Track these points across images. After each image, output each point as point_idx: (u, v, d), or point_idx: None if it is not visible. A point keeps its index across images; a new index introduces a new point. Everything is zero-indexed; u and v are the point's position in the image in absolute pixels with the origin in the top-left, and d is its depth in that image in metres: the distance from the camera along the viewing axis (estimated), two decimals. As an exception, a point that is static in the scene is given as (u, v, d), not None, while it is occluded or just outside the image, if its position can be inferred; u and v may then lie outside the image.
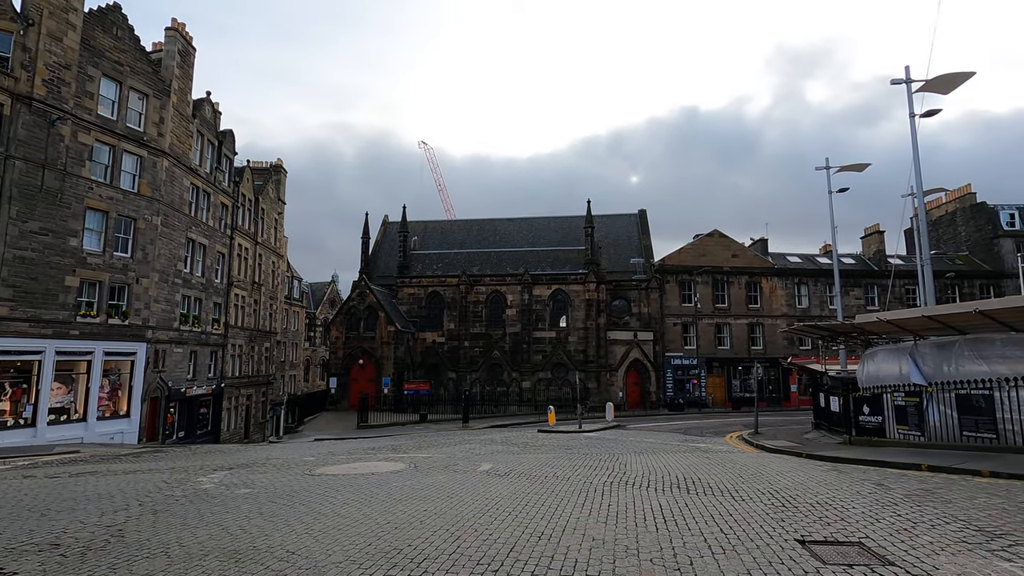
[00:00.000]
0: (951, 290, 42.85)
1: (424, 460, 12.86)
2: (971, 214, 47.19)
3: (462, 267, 44.69)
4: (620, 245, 46.42)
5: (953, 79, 14.20)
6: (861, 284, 43.77)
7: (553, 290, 42.92)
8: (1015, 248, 43.45)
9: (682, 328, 42.86)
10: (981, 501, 7.35)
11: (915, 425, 13.61)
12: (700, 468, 10.84)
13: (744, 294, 43.33)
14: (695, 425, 27.72)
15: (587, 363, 41.22)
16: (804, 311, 42.96)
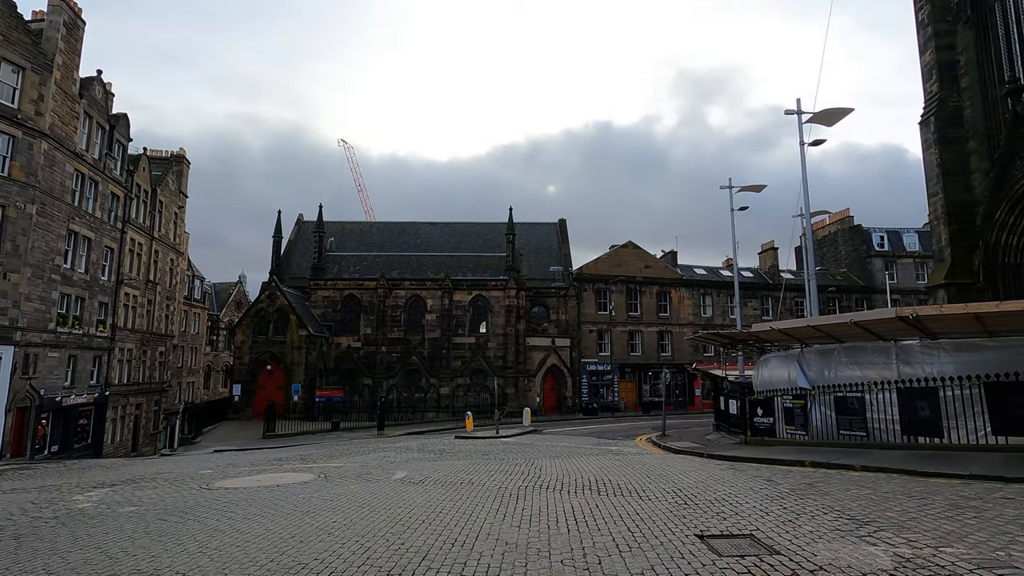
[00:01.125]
0: (832, 303, 47.50)
1: (335, 470, 12.37)
2: (849, 235, 52.67)
3: (381, 270, 43.63)
4: (540, 253, 47.32)
5: (835, 114, 15.86)
6: (758, 296, 47.47)
7: (474, 296, 42.94)
8: (884, 267, 49.01)
9: (597, 335, 44.35)
10: (853, 492, 8.17)
11: (801, 425, 14.91)
12: (611, 470, 11.23)
13: (655, 303, 45.61)
14: (608, 429, 28.72)
15: (506, 369, 41.54)
16: (708, 320, 45.91)
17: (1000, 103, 21.77)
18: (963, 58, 23.66)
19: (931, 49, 24.66)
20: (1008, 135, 20.77)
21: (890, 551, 5.13)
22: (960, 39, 23.87)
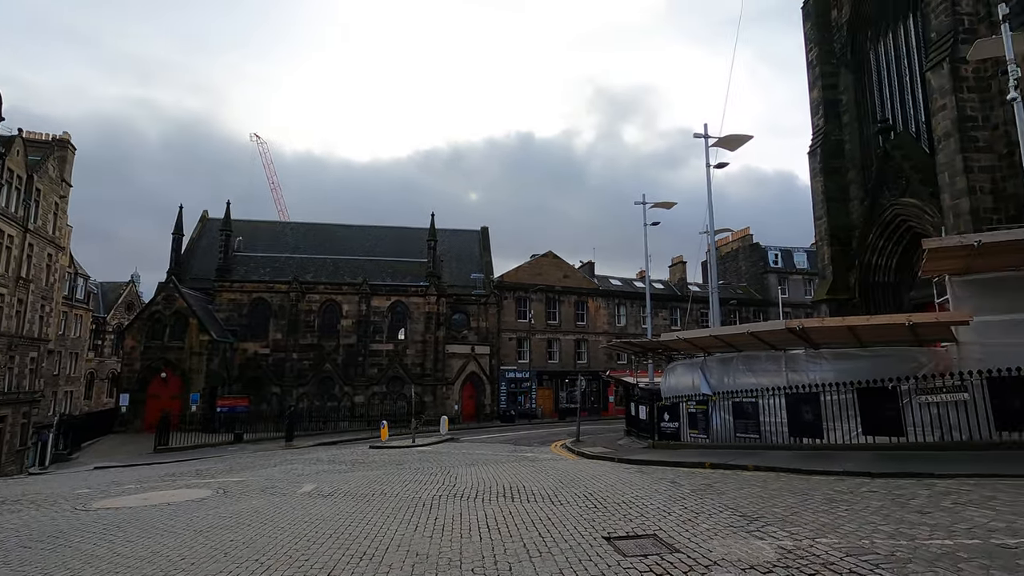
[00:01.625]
0: (734, 314, 51.11)
1: (236, 484, 11.59)
2: (749, 252, 57.01)
3: (294, 272, 41.63)
4: (462, 260, 47.23)
5: (737, 140, 17.19)
6: (668, 306, 50.14)
7: (393, 301, 42.04)
8: (778, 282, 53.49)
9: (517, 343, 44.85)
10: (746, 491, 8.80)
11: (703, 429, 15.87)
12: (526, 477, 11.36)
13: (573, 312, 46.88)
14: (525, 436, 29.05)
15: (424, 376, 40.95)
16: (622, 329, 47.83)
17: (873, 139, 24.52)
18: (845, 97, 26.46)
19: (818, 87, 27.37)
20: (879, 168, 23.40)
21: (775, 544, 5.57)
22: (842, 80, 26.68)
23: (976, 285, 12.30)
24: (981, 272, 12.19)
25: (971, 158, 18.65)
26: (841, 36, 26.61)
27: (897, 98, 24.09)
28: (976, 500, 6.98)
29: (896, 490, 8.03)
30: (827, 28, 27.29)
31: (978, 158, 18.72)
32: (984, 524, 5.82)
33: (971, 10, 19.62)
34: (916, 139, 22.50)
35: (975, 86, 19.07)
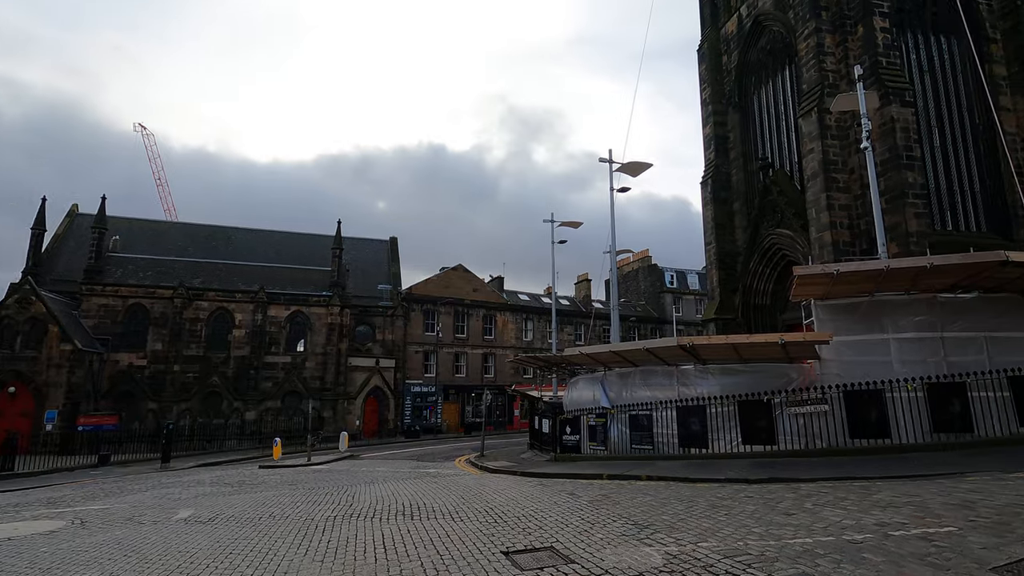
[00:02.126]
0: (633, 331, 53.82)
1: (98, 513, 10.32)
2: (648, 272, 60.51)
3: (180, 277, 38.24)
4: (369, 270, 45.89)
5: (638, 167, 18.30)
6: (573, 322, 51.80)
7: (292, 311, 39.84)
8: (673, 301, 57.19)
9: (423, 356, 44.16)
10: (639, 500, 9.22)
11: (601, 441, 16.47)
12: (427, 493, 11.14)
13: (481, 326, 47.05)
14: (429, 451, 28.54)
15: (324, 391, 39.07)
16: (529, 343, 48.69)
17: (756, 174, 27.11)
18: (732, 135, 29.09)
19: (710, 124, 29.85)
20: (760, 201, 25.87)
21: (662, 550, 5.87)
22: (731, 119, 29.32)
23: (836, 309, 13.90)
24: (840, 297, 13.81)
25: (833, 196, 21.14)
26: (730, 80, 29.30)
27: (776, 139, 26.88)
28: (832, 501, 7.81)
29: (768, 495, 8.78)
30: (718, 71, 29.94)
31: (839, 197, 21.28)
32: (837, 523, 6.52)
33: (835, 67, 22.39)
34: (790, 177, 25.18)
35: (837, 134, 21.73)
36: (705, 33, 31.04)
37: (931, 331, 13.25)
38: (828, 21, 22.80)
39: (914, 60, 22.89)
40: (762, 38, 27.54)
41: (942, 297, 13.28)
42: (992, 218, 22.08)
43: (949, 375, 12.31)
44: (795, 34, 24.13)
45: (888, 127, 19.98)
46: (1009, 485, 7.84)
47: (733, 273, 27.65)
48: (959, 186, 22.27)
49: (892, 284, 13.08)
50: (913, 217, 19.47)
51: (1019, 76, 22.46)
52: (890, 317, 13.55)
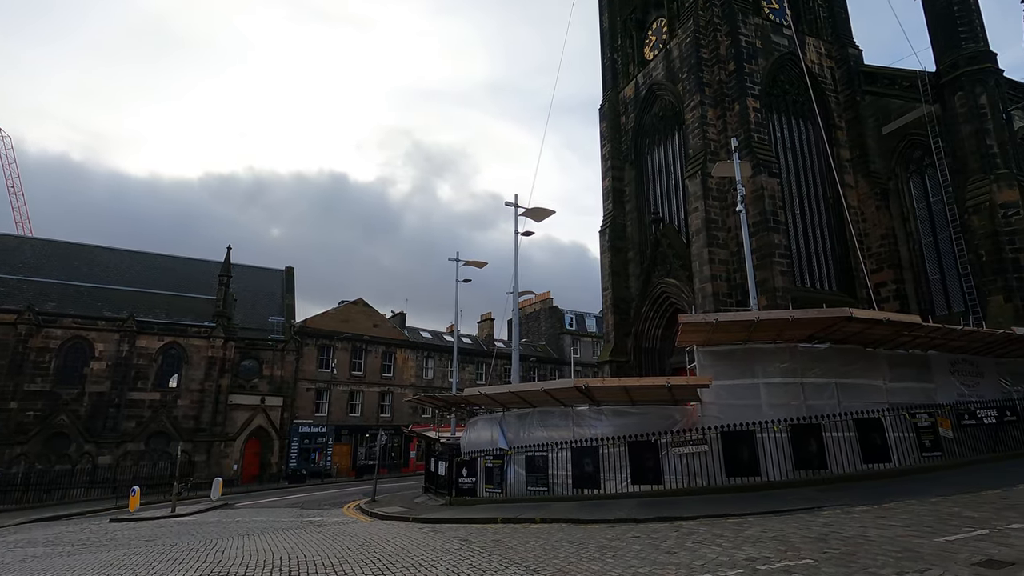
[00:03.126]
0: (533, 371, 54.64)
1: None
2: (549, 314, 62.22)
3: (28, 299, 33.44)
4: (260, 301, 43.02)
5: (542, 213, 19.05)
6: (475, 361, 51.62)
7: (167, 343, 36.09)
8: (572, 343, 59.05)
9: (315, 394, 41.67)
10: (531, 544, 9.17)
11: (497, 484, 16.30)
12: (309, 545, 10.32)
13: (379, 363, 45.44)
14: (315, 497, 26.60)
15: (198, 431, 35.37)
16: (429, 382, 47.69)
17: (648, 227, 29.15)
18: (629, 189, 31.25)
19: (609, 178, 31.90)
20: (652, 251, 27.79)
21: (552, 596, 5.84)
22: (627, 174, 31.54)
23: (715, 355, 15.07)
24: (719, 344, 15.01)
25: (714, 252, 23.23)
26: (627, 139, 31.71)
27: (666, 195, 29.25)
28: (709, 538, 8.26)
29: (653, 534, 9.12)
30: (617, 130, 32.32)
31: (719, 252, 23.41)
32: (713, 559, 6.90)
33: (716, 137, 25.01)
34: (678, 231, 27.39)
35: (718, 195, 24.09)
36: (606, 95, 33.53)
37: (793, 377, 14.74)
38: (711, 97, 25.60)
39: (779, 138, 26.25)
40: (655, 105, 30.26)
41: (802, 347, 14.89)
42: (840, 278, 25.39)
43: (808, 417, 13.70)
44: (683, 105, 26.79)
45: (759, 193, 22.54)
46: (855, 518, 8.76)
47: (627, 318, 29.21)
48: (815, 249, 25.48)
49: (762, 334, 14.48)
50: (779, 274, 21.87)
51: (860, 160, 26.44)
52: (760, 363, 14.92)
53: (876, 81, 26.86)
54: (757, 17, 27.00)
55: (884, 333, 14.23)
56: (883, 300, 23.82)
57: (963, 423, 14.69)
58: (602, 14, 34.95)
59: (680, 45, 27.50)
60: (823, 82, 27.53)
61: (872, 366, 15.24)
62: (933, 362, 16.02)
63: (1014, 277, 20.51)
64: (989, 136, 22.01)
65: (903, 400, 14.81)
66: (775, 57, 26.51)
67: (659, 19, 30.86)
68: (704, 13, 26.57)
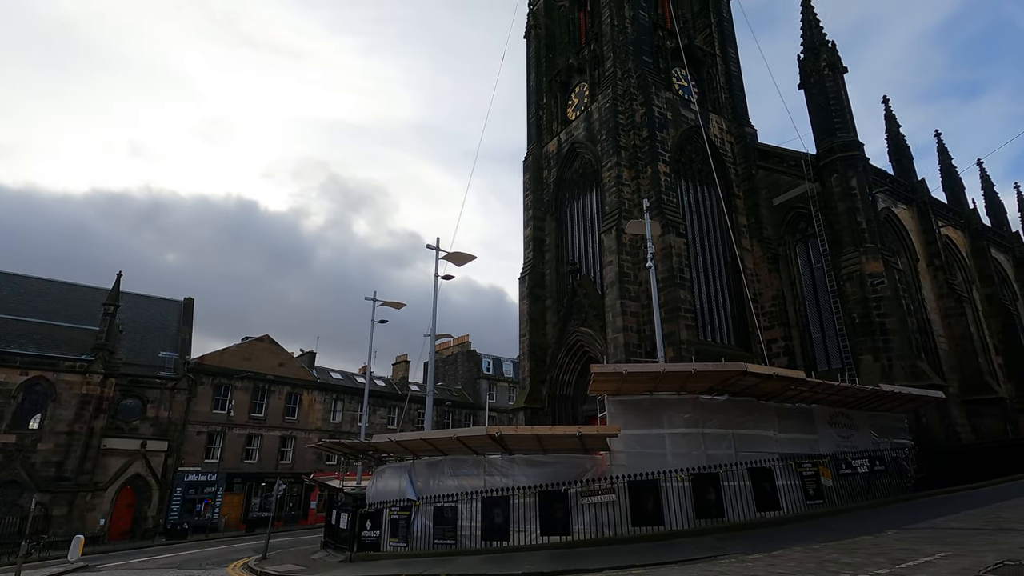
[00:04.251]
0: (447, 416, 53.53)
1: None
2: (467, 358, 61.74)
3: None
4: (151, 334, 39.39)
5: (463, 257, 19.18)
6: (387, 405, 49.79)
7: (31, 377, 31.86)
8: (488, 388, 58.70)
9: (207, 438, 38.19)
10: (435, 604, 8.73)
11: (403, 537, 15.52)
12: (183, 613, 9.19)
13: (284, 405, 42.65)
14: (197, 556, 23.95)
15: (61, 480, 31.06)
16: (337, 426, 45.25)
17: (566, 277, 30.10)
18: (549, 239, 32.28)
19: (530, 227, 32.85)
20: (568, 300, 28.61)
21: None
22: (548, 225, 32.64)
23: (625, 404, 15.54)
24: (628, 394, 15.52)
25: (626, 304, 24.33)
26: (549, 191, 33.01)
27: (584, 247, 30.51)
28: (614, 592, 8.29)
29: (560, 588, 9.01)
30: (540, 182, 33.61)
31: (630, 304, 24.54)
32: (617, 614, 6.90)
33: (630, 196, 26.64)
34: (594, 282, 28.50)
35: (631, 251, 25.45)
36: (531, 148, 34.96)
37: (695, 427, 15.47)
38: (626, 159, 27.42)
39: (687, 201, 28.42)
40: (576, 161, 31.90)
41: (703, 398, 15.72)
42: (738, 333, 27.36)
43: (708, 467, 14.34)
44: (601, 164, 28.45)
45: (667, 252, 24.10)
46: (749, 566, 9.17)
47: (543, 364, 29.59)
48: (716, 305, 27.39)
49: (667, 385, 15.17)
50: (684, 328, 23.23)
51: (755, 226, 29.11)
52: (666, 414, 15.55)
53: (768, 158, 30.02)
54: (668, 92, 29.60)
55: (775, 387, 15.38)
56: (774, 355, 25.86)
57: (841, 472, 16.00)
58: (530, 73, 36.82)
59: (600, 109, 29.44)
60: (724, 154, 30.37)
61: (764, 418, 16.34)
62: (816, 414, 17.44)
63: (880, 339, 23.10)
64: (859, 214, 25.11)
65: (791, 450, 15.94)
66: (683, 128, 29.01)
67: (582, 83, 32.99)
68: (622, 83, 28.74)
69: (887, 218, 29.02)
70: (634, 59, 28.98)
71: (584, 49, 33.51)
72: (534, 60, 36.58)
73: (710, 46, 33.50)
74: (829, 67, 27.91)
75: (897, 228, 30.03)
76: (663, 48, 31.46)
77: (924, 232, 30.96)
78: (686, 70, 29.69)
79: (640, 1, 30.83)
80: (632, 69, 28.73)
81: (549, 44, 36.70)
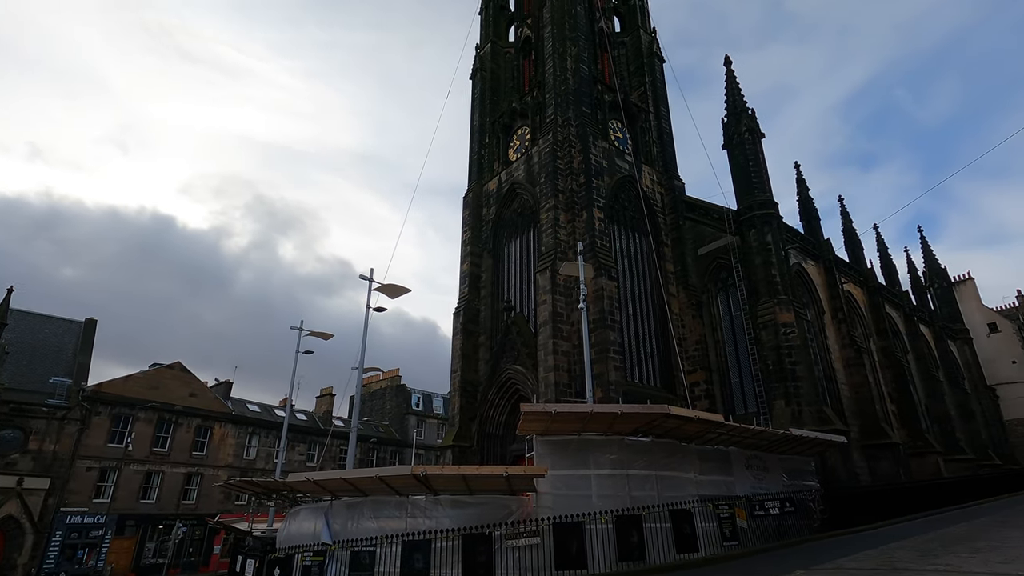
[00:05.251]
0: (372, 453, 51.34)
1: None
2: (396, 392, 59.96)
3: None
4: (42, 357, 35.67)
5: (397, 290, 18.87)
6: (307, 440, 47.16)
7: None
8: (417, 424, 57.04)
9: (99, 474, 34.54)
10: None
11: (314, 585, 14.50)
12: None
13: (191, 439, 39.43)
14: (73, 610, 21.22)
15: (-89, 523, 26.94)
16: (251, 463, 42.25)
17: (501, 314, 30.20)
18: (485, 275, 32.41)
19: (467, 262, 32.93)
20: (502, 338, 28.64)
21: None
22: (485, 262, 32.84)
23: (553, 444, 15.54)
24: (557, 434, 15.55)
25: (558, 343, 24.64)
26: (488, 228, 33.37)
27: (519, 286, 30.84)
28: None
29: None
30: (479, 219, 33.94)
31: (562, 344, 24.87)
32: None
33: (566, 239, 27.36)
34: (528, 321, 28.74)
35: (565, 291, 25.96)
36: (471, 185, 35.39)
37: (621, 468, 15.65)
38: (563, 202, 28.29)
39: (619, 246, 29.55)
40: (515, 201, 32.56)
41: (628, 439, 16.00)
42: (663, 375, 28.30)
43: (631, 508, 14.49)
44: (539, 205, 29.19)
45: (599, 294, 24.79)
46: (667, 611, 9.22)
47: (474, 401, 29.20)
48: (644, 348, 28.29)
49: (595, 425, 15.35)
50: (613, 369, 23.75)
51: (681, 274, 30.61)
52: (593, 454, 15.66)
53: (694, 210, 31.92)
54: (605, 142, 31.08)
55: (696, 429, 15.93)
56: (696, 398, 26.87)
57: (755, 513, 16.64)
58: (474, 113, 37.62)
59: (540, 153, 30.40)
60: (655, 204, 32.02)
61: (686, 460, 16.81)
62: (733, 457, 18.15)
63: (791, 385, 24.60)
64: (774, 267, 27.02)
65: (709, 492, 16.43)
66: (618, 177, 30.41)
67: (524, 127, 34.05)
68: (562, 130, 29.92)
69: (798, 272, 31.37)
70: (574, 108, 30.35)
71: (527, 95, 34.74)
72: (479, 101, 37.47)
73: (644, 103, 35.67)
74: (749, 131, 30.37)
75: (807, 282, 32.49)
76: (601, 101, 33.17)
77: (830, 287, 33.66)
78: (622, 123, 31.38)
79: (582, 55, 32.55)
80: (572, 118, 30.03)
81: (494, 87, 37.79)
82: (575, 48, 32.37)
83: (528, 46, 37.28)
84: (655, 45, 38.34)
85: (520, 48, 38.00)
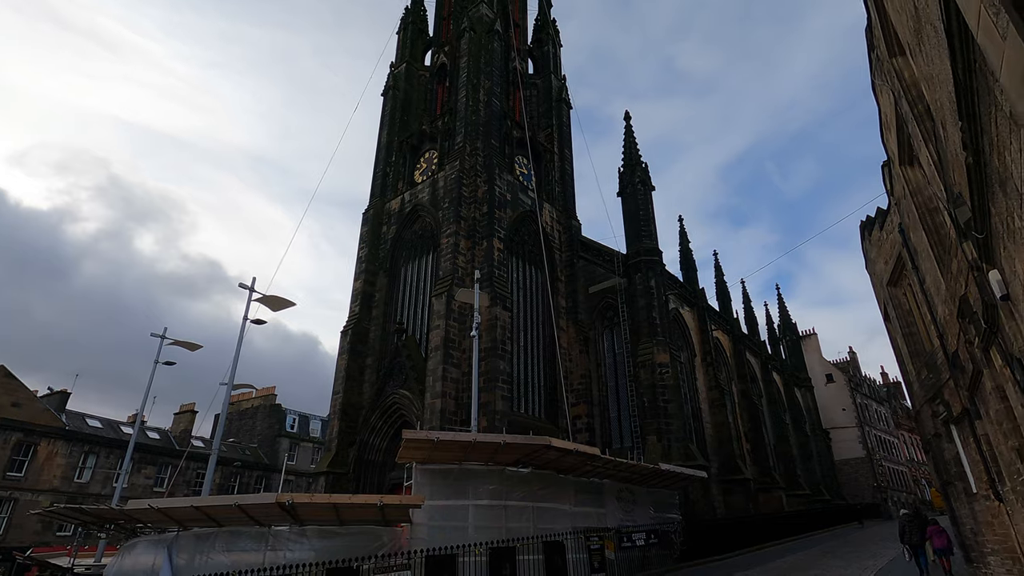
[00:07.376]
0: (235, 477, 46.82)
1: None
2: (269, 412, 55.56)
3: None
4: None
5: (281, 303, 17.69)
6: (158, 462, 42.00)
7: None
8: (289, 447, 53.08)
9: None
10: None
11: (147, 630, 12.74)
12: None
13: (7, 457, 33.55)
14: None
15: None
16: (82, 487, 36.68)
17: (391, 336, 29.39)
18: (379, 295, 31.50)
19: (361, 280, 31.86)
20: (391, 361, 27.82)
21: None
22: (380, 281, 31.96)
23: (433, 473, 15.18)
24: (439, 463, 15.23)
25: (448, 370, 24.40)
26: (386, 248, 32.62)
27: (414, 309, 30.30)
28: None
29: None
30: (378, 237, 33.12)
31: (452, 371, 24.66)
32: None
33: (465, 265, 27.46)
34: (419, 345, 28.22)
35: (459, 317, 25.89)
36: (373, 202, 34.55)
37: (499, 499, 15.63)
38: (465, 229, 28.47)
39: (515, 278, 30.18)
40: (417, 223, 32.22)
41: (509, 470, 16.06)
42: (548, 407, 28.96)
43: (506, 540, 14.45)
44: (441, 230, 29.12)
45: (493, 323, 25.03)
46: (532, 645, 9.21)
47: (354, 426, 27.87)
48: (531, 378, 28.84)
49: (477, 455, 15.24)
50: (500, 398, 23.91)
51: (572, 309, 31.85)
52: (473, 484, 15.50)
53: (588, 250, 33.57)
54: (510, 175, 31.94)
55: (574, 462, 16.37)
56: (578, 431, 27.74)
57: (623, 545, 17.31)
58: (382, 130, 37.05)
59: (446, 179, 30.51)
60: (553, 241, 33.25)
61: (562, 491, 17.18)
62: (605, 489, 18.86)
63: (663, 421, 26.25)
64: (655, 310, 29.00)
65: (583, 523, 16.87)
66: (520, 211, 31.27)
67: (432, 150, 34.06)
68: (470, 159, 30.33)
69: (675, 317, 33.93)
70: (483, 139, 30.95)
71: (439, 119, 34.92)
72: (388, 118, 37.01)
73: (550, 144, 37.30)
74: (641, 183, 32.77)
75: (682, 326, 35.22)
76: (510, 136, 34.19)
77: (702, 332, 36.73)
78: (528, 159, 32.50)
79: (495, 90, 33.47)
80: (480, 148, 30.58)
81: (405, 106, 37.59)
82: (488, 82, 33.24)
83: (443, 72, 37.68)
84: (564, 91, 40.47)
85: (435, 73, 38.29)
